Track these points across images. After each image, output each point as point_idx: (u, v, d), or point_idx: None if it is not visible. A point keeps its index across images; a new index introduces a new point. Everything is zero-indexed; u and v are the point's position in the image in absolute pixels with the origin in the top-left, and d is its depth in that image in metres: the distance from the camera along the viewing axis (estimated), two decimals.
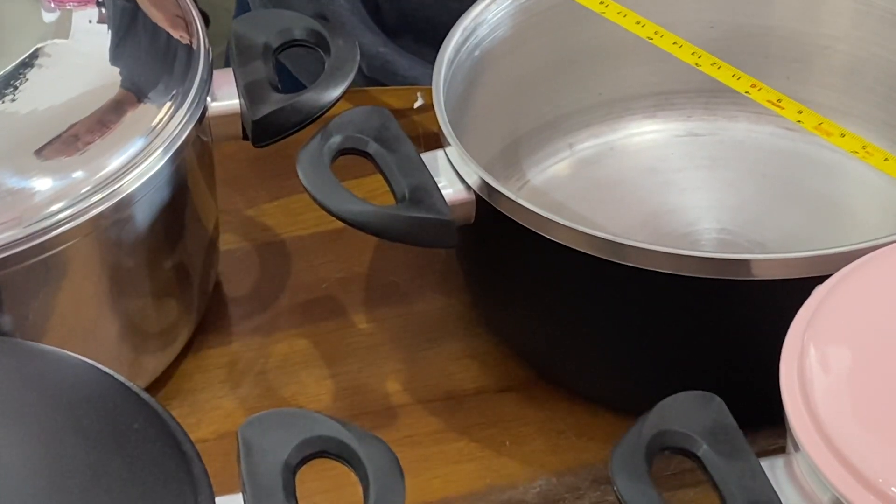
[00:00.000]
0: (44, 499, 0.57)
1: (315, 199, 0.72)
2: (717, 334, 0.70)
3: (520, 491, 0.72)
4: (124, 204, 0.70)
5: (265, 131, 0.76)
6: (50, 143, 0.69)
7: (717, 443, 0.61)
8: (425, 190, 0.72)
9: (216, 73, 0.76)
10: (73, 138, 0.70)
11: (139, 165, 0.70)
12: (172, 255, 0.75)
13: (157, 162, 0.71)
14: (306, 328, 0.80)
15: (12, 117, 0.70)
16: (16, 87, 0.70)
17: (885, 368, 0.60)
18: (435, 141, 0.74)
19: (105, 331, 0.73)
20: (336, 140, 0.74)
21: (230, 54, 0.78)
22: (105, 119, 0.71)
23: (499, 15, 0.81)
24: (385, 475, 0.59)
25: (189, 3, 0.78)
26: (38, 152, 0.69)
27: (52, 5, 0.75)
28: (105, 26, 0.75)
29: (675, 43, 0.78)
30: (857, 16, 0.84)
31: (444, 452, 0.74)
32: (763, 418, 0.62)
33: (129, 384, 0.63)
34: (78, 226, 0.68)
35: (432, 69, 0.77)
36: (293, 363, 0.78)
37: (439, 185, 0.72)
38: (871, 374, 0.60)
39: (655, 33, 0.78)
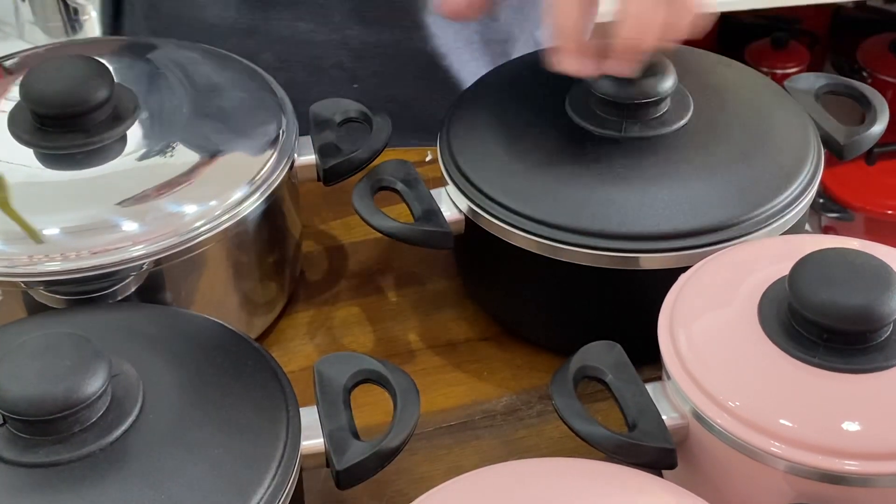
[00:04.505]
0: (191, 406, 0.56)
1: (363, 218, 0.71)
2: (617, 304, 0.70)
3: (493, 403, 0.72)
4: (242, 222, 0.69)
5: (332, 176, 0.75)
6: (194, 183, 0.68)
7: (618, 373, 0.61)
8: (433, 212, 0.71)
9: (301, 139, 0.75)
10: (208, 180, 0.69)
11: (251, 197, 0.69)
12: (272, 254, 0.74)
13: (262, 195, 0.70)
14: (358, 300, 0.79)
15: (172, 167, 0.69)
16: (174, 148, 0.70)
17: (721, 325, 0.60)
18: (438, 182, 0.74)
19: (230, 302, 0.73)
20: (376, 180, 0.73)
21: (310, 127, 0.77)
22: (229, 168, 0.70)
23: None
24: (407, 394, 0.59)
25: (283, 95, 0.76)
26: (188, 188, 0.68)
27: None
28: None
29: None
30: None
31: (445, 379, 0.73)
32: (647, 358, 0.62)
33: (245, 336, 0.63)
34: (212, 235, 0.67)
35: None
36: (349, 322, 0.77)
37: (441, 210, 0.72)
38: (713, 329, 0.60)
39: None
